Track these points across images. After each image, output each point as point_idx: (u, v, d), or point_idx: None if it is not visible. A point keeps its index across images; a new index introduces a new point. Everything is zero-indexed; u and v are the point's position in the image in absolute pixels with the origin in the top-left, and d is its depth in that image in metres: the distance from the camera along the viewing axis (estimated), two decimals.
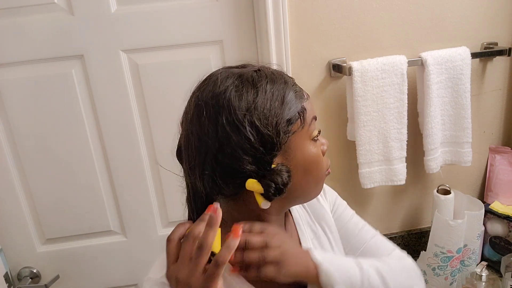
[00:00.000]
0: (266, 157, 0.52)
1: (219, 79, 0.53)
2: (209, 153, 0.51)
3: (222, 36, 1.04)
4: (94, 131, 1.06)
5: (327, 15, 1.03)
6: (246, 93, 0.51)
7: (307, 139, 0.56)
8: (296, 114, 0.54)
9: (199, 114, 0.53)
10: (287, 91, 0.54)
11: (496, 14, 1.10)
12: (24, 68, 1.00)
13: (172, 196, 1.15)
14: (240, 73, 0.54)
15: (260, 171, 0.52)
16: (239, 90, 0.51)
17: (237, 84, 0.52)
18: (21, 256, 1.14)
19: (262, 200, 0.53)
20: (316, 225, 0.72)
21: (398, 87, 1.02)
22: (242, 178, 0.52)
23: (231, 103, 0.50)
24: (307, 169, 0.57)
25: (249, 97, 0.51)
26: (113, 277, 1.20)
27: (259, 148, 0.51)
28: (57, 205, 1.11)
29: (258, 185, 0.52)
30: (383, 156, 1.07)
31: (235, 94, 0.51)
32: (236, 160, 0.51)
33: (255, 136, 0.50)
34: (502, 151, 1.21)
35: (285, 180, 0.52)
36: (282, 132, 0.52)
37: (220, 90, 0.52)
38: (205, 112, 0.52)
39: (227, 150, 0.51)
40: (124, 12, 0.99)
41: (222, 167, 0.52)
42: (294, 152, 0.55)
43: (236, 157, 0.51)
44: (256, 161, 0.51)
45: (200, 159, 0.53)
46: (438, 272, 1.08)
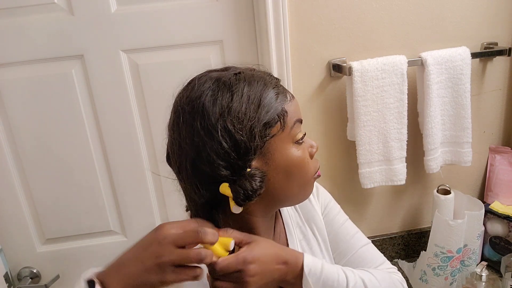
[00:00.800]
0: (240, 161, 0.51)
1: (197, 84, 0.54)
2: (188, 158, 0.52)
3: (222, 36, 1.04)
4: (94, 131, 1.07)
5: (327, 15, 1.03)
6: (221, 97, 0.51)
7: (289, 142, 0.55)
8: (275, 117, 0.53)
9: (177, 120, 0.53)
10: (265, 94, 0.53)
11: (496, 14, 1.10)
12: (24, 68, 1.00)
13: (172, 196, 1.14)
14: (218, 77, 0.54)
15: (235, 176, 0.52)
16: (214, 95, 0.51)
17: (213, 88, 0.52)
18: (21, 256, 1.14)
19: (233, 205, 0.53)
20: (306, 226, 0.71)
21: (398, 87, 1.02)
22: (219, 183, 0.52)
23: (205, 108, 0.51)
24: (289, 173, 0.56)
25: (224, 101, 0.51)
26: None
27: (232, 153, 0.50)
28: (57, 205, 1.11)
29: (229, 190, 0.52)
30: (383, 156, 1.07)
31: (210, 99, 0.51)
32: (211, 165, 0.51)
33: (227, 141, 0.50)
34: (502, 151, 1.21)
35: (255, 186, 0.52)
36: (258, 136, 0.51)
37: (196, 95, 0.52)
38: (182, 117, 0.52)
39: (203, 155, 0.51)
40: (124, 12, 0.99)
41: (200, 172, 0.52)
42: (273, 156, 0.54)
43: (211, 162, 0.51)
44: (230, 166, 0.51)
45: (182, 165, 0.53)
46: (438, 272, 1.08)
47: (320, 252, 0.71)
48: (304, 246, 0.70)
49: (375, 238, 1.24)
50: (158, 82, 1.05)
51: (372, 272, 0.65)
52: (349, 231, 0.73)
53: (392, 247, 1.26)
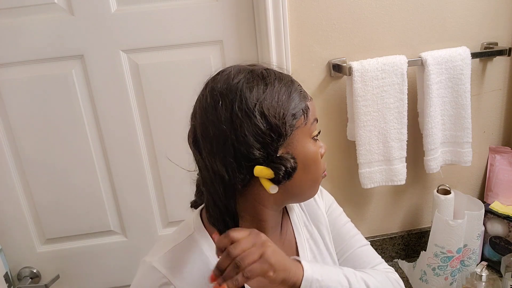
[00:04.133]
0: (273, 144, 0.55)
1: (232, 73, 0.58)
2: (227, 139, 0.55)
3: (222, 36, 1.04)
4: (94, 131, 1.07)
5: (327, 15, 1.03)
6: (256, 86, 0.56)
7: (308, 137, 0.60)
8: (300, 110, 0.58)
9: (214, 104, 0.56)
10: (293, 89, 0.59)
11: (496, 14, 1.10)
12: (24, 68, 1.00)
13: (172, 196, 1.15)
14: (251, 69, 0.59)
15: (268, 158, 0.56)
16: (250, 83, 0.56)
17: (248, 77, 0.57)
18: (21, 256, 1.14)
19: (270, 185, 0.56)
20: (312, 226, 0.74)
21: (398, 87, 1.02)
22: (252, 165, 0.55)
23: (243, 93, 0.55)
24: (306, 166, 0.60)
25: (259, 89, 0.56)
26: (113, 277, 1.20)
27: (268, 135, 0.55)
28: (57, 205, 1.11)
29: (267, 170, 0.55)
30: (383, 156, 1.07)
31: (247, 86, 0.56)
32: (247, 146, 0.54)
33: (264, 124, 0.54)
34: (502, 151, 1.21)
35: (293, 164, 0.56)
36: (287, 124, 0.56)
37: (233, 82, 0.56)
38: (221, 102, 0.56)
39: (241, 137, 0.54)
40: (124, 12, 0.99)
41: (236, 152, 0.55)
42: (296, 146, 0.58)
43: (247, 143, 0.54)
44: (265, 148, 0.55)
45: (219, 146, 0.56)
46: (438, 272, 1.08)
47: (326, 251, 0.73)
48: (312, 245, 0.72)
49: (375, 238, 1.24)
50: (158, 82, 1.05)
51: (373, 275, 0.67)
52: (350, 232, 0.77)
53: (392, 247, 1.26)
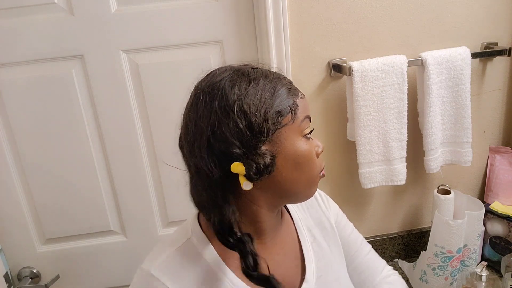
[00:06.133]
0: (252, 141, 0.54)
1: (218, 72, 0.59)
2: (204, 136, 0.55)
3: (222, 36, 1.04)
4: (94, 131, 1.07)
5: (327, 15, 1.03)
6: (239, 83, 0.56)
7: (298, 135, 0.58)
8: (287, 107, 0.57)
9: (196, 101, 0.57)
10: (279, 87, 0.58)
11: (496, 14, 1.10)
12: (24, 68, 1.00)
13: (172, 196, 1.15)
14: (238, 68, 0.59)
15: (246, 155, 0.54)
16: (233, 80, 0.56)
17: (232, 76, 0.57)
18: (21, 256, 1.14)
19: (244, 181, 0.55)
20: (316, 229, 0.73)
21: (398, 87, 1.02)
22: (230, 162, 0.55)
23: (224, 90, 0.55)
24: (297, 164, 0.58)
25: (242, 87, 0.55)
26: (113, 277, 1.20)
27: (246, 132, 0.54)
28: (57, 205, 1.11)
29: (241, 166, 0.54)
30: (383, 156, 1.07)
31: (229, 83, 0.55)
32: (225, 143, 0.54)
33: (242, 121, 0.54)
34: (502, 151, 1.21)
35: (267, 161, 0.55)
36: (271, 121, 0.55)
37: (216, 79, 0.57)
38: (201, 98, 0.56)
39: (218, 133, 0.54)
40: (124, 12, 0.99)
41: (214, 150, 0.54)
42: (283, 144, 0.57)
43: (225, 140, 0.54)
44: (243, 145, 0.54)
45: (196, 143, 0.56)
46: (438, 272, 1.08)
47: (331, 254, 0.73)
48: (315, 248, 0.71)
49: (375, 238, 1.24)
50: (158, 82, 1.05)
51: None
52: (357, 240, 0.79)
53: (392, 247, 1.26)
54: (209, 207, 0.57)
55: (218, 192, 0.56)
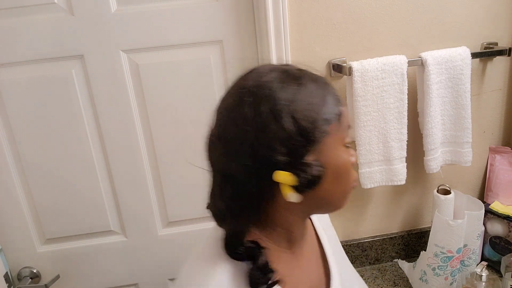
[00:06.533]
0: (301, 150, 0.51)
1: (264, 71, 0.54)
2: (246, 140, 0.51)
3: (222, 36, 1.04)
4: (94, 131, 1.07)
5: (327, 15, 1.03)
6: (289, 86, 0.52)
7: (340, 144, 0.56)
8: (334, 115, 0.54)
9: (240, 101, 0.52)
10: (327, 93, 0.55)
11: (496, 14, 1.10)
12: (24, 68, 1.00)
13: (172, 196, 1.15)
14: (285, 69, 0.55)
15: (292, 164, 0.51)
16: (283, 83, 0.52)
17: (281, 77, 0.53)
18: (21, 256, 1.14)
19: (290, 191, 0.52)
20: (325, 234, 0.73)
21: (398, 87, 1.02)
22: (273, 169, 0.51)
23: (273, 93, 0.51)
24: (338, 175, 0.55)
25: (292, 90, 0.51)
26: (113, 277, 1.20)
27: (295, 139, 0.50)
28: (57, 205, 1.11)
29: (290, 176, 0.51)
30: (383, 156, 1.07)
31: (278, 85, 0.51)
32: (270, 150, 0.50)
33: (292, 127, 0.50)
34: (502, 151, 1.21)
35: (319, 173, 0.52)
36: (319, 129, 0.52)
37: (264, 80, 0.52)
38: (246, 99, 0.51)
39: (263, 138, 0.50)
40: (124, 12, 0.99)
41: (257, 155, 0.51)
42: (327, 154, 0.54)
43: (271, 146, 0.50)
44: (291, 153, 0.50)
45: (236, 146, 0.52)
46: (438, 272, 1.08)
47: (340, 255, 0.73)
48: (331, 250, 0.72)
49: (375, 238, 1.24)
50: (158, 82, 1.05)
51: None
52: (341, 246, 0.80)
53: (392, 247, 1.26)
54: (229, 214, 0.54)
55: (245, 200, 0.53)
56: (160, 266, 1.20)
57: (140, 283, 1.22)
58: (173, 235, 1.18)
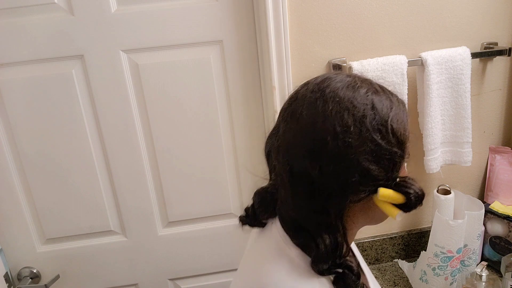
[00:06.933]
0: (398, 164, 0.51)
1: (353, 82, 0.53)
2: (348, 154, 0.49)
3: (222, 36, 1.04)
4: (94, 131, 1.07)
5: (327, 15, 1.03)
6: (384, 100, 0.52)
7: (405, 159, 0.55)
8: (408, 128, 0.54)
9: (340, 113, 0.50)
10: (405, 107, 0.55)
11: (496, 14, 1.10)
12: (24, 68, 1.00)
13: (172, 196, 1.15)
14: (368, 81, 0.54)
15: (388, 179, 0.51)
16: (378, 96, 0.52)
17: (373, 89, 0.52)
18: (21, 256, 1.14)
19: (398, 211, 0.50)
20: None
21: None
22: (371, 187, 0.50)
23: (375, 105, 0.50)
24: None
25: (387, 104, 0.51)
26: (113, 277, 1.20)
27: (396, 154, 0.50)
28: (57, 205, 1.11)
29: (396, 194, 0.50)
30: None
31: (377, 98, 0.51)
32: (371, 165, 0.49)
33: (394, 142, 0.50)
34: (502, 151, 1.21)
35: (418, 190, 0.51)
36: (407, 141, 0.52)
37: (361, 91, 0.51)
38: (348, 112, 0.50)
39: (367, 154, 0.49)
40: (124, 12, 0.99)
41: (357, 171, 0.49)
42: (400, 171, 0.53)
43: (373, 161, 0.49)
44: (388, 168, 0.50)
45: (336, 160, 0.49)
46: (438, 272, 1.08)
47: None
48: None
49: (375, 238, 1.24)
50: (158, 82, 1.05)
51: None
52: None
53: (392, 247, 1.26)
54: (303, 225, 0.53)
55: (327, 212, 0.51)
56: (160, 266, 1.20)
57: (140, 283, 1.22)
58: (173, 235, 1.18)
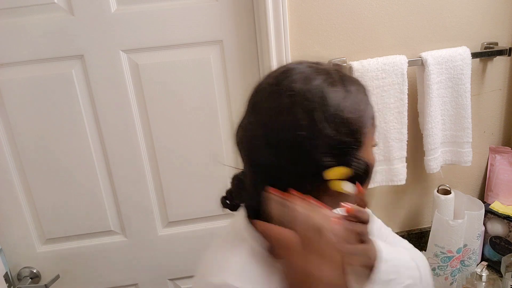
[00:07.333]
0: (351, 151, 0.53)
1: (309, 73, 0.54)
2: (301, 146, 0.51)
3: (222, 36, 1.04)
4: (94, 131, 1.06)
5: (327, 15, 1.03)
6: (337, 91, 0.53)
7: (370, 145, 0.58)
8: (372, 116, 0.57)
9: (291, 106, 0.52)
10: (366, 94, 0.57)
11: (496, 14, 1.10)
12: (24, 68, 1.00)
13: (172, 196, 1.15)
14: (327, 70, 0.55)
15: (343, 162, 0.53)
16: (332, 86, 0.53)
17: (329, 80, 0.54)
18: (21, 256, 1.14)
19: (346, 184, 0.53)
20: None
21: (398, 87, 1.02)
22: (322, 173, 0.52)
23: (325, 99, 0.52)
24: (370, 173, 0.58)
25: (341, 94, 0.53)
26: (113, 277, 1.20)
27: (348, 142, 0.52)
28: (57, 205, 1.11)
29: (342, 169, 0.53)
30: (383, 156, 1.07)
31: (329, 90, 0.52)
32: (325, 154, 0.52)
33: (345, 131, 0.52)
34: (502, 151, 1.21)
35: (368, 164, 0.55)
36: (364, 131, 0.54)
37: (314, 84, 0.53)
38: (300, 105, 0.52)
39: (319, 144, 0.51)
40: (124, 12, 0.99)
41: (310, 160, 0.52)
42: (363, 154, 0.55)
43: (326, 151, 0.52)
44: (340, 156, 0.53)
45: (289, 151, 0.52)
46: (438, 272, 1.08)
47: None
48: None
49: None
50: (158, 82, 1.05)
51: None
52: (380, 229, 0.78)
53: None
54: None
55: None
56: (160, 266, 1.20)
57: (140, 283, 1.22)
58: (173, 235, 1.18)
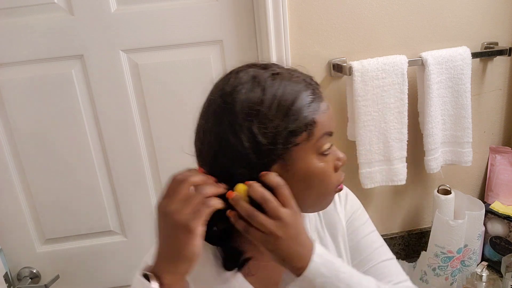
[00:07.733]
0: (259, 164, 0.51)
1: (232, 78, 0.54)
2: (211, 148, 0.53)
3: (222, 36, 1.04)
4: (94, 131, 1.06)
5: (327, 15, 1.03)
6: (252, 98, 0.51)
7: (313, 153, 0.54)
8: (302, 126, 0.52)
9: (207, 110, 0.54)
10: (298, 100, 0.52)
11: (496, 14, 1.10)
12: (24, 68, 1.00)
13: None
14: (254, 75, 0.53)
15: (251, 177, 0.51)
16: (247, 93, 0.51)
17: (246, 87, 0.52)
18: (21, 256, 1.14)
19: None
20: (325, 231, 0.70)
21: (398, 87, 1.02)
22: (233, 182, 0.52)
23: (235, 105, 0.51)
24: (309, 183, 0.55)
25: (254, 102, 0.50)
26: (113, 277, 1.20)
27: (252, 154, 0.50)
28: (57, 205, 1.11)
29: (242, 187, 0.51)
30: (384, 156, 1.07)
31: (241, 98, 0.51)
32: (231, 162, 0.51)
33: (249, 142, 0.50)
34: (503, 151, 1.21)
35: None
36: (281, 143, 0.51)
37: (229, 90, 0.52)
38: (212, 108, 0.53)
39: (225, 150, 0.51)
40: (124, 12, 0.99)
41: (220, 165, 0.53)
42: (295, 164, 0.53)
43: (231, 158, 0.51)
44: (249, 166, 0.51)
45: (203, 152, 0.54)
46: (439, 272, 1.08)
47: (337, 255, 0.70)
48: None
49: None
50: (158, 82, 1.05)
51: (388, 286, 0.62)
52: (373, 243, 0.71)
53: (392, 247, 1.26)
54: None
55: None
56: None
57: None
58: None
